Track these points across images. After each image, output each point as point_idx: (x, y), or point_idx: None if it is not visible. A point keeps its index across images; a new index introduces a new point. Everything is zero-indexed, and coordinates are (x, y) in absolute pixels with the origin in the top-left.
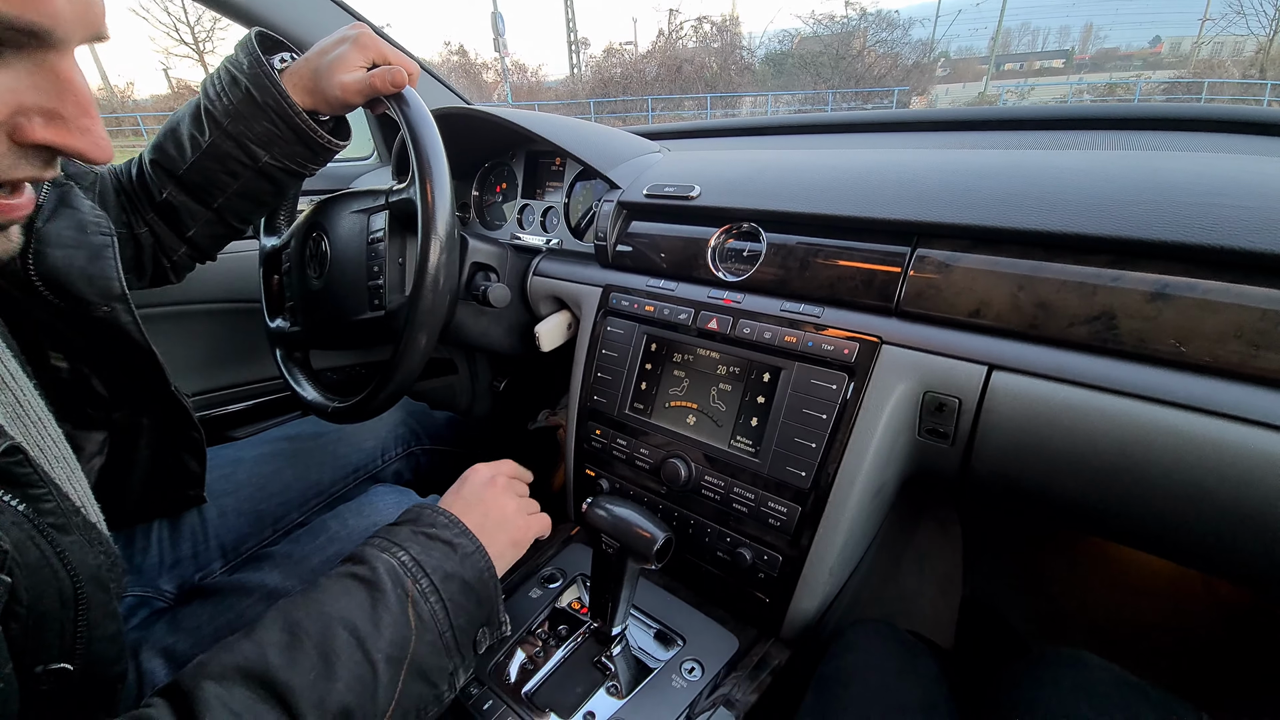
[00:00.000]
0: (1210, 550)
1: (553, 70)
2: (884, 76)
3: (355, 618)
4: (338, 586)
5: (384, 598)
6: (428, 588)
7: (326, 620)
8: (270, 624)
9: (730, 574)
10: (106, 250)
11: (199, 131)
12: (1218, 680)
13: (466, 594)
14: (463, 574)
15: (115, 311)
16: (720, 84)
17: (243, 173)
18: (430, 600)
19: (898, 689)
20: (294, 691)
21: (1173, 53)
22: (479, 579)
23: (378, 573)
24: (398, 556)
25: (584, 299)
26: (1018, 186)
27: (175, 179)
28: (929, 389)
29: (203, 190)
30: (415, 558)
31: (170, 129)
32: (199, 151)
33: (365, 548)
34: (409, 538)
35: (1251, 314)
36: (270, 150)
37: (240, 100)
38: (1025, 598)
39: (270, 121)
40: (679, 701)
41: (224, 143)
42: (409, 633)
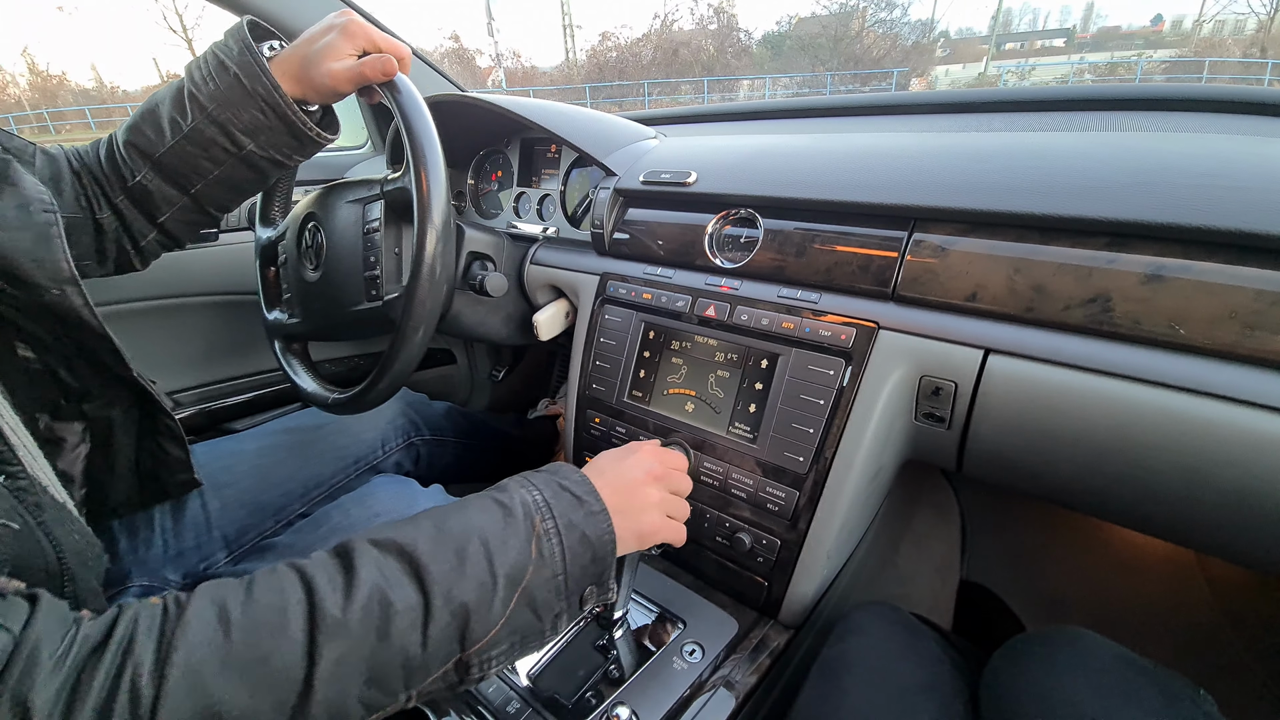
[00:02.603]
0: (1204, 530)
1: (548, 55)
2: (883, 58)
3: (489, 533)
4: (479, 504)
5: (515, 524)
6: (551, 528)
7: (467, 527)
8: (425, 519)
9: (729, 558)
10: (52, 229)
11: (181, 115)
12: (1213, 657)
13: (584, 546)
14: (584, 528)
15: (66, 295)
16: (717, 67)
17: (225, 159)
18: (552, 540)
19: (900, 671)
20: (430, 575)
21: (1174, 31)
22: (599, 538)
23: (514, 501)
24: (533, 494)
25: (581, 287)
26: (1015, 170)
27: (152, 161)
28: (925, 373)
29: (181, 175)
30: (546, 500)
31: (148, 110)
32: (180, 135)
33: (510, 481)
34: (545, 482)
35: (1245, 295)
36: (256, 139)
37: (228, 86)
38: (1022, 579)
39: (259, 109)
40: (679, 683)
41: (208, 128)
42: (528, 562)
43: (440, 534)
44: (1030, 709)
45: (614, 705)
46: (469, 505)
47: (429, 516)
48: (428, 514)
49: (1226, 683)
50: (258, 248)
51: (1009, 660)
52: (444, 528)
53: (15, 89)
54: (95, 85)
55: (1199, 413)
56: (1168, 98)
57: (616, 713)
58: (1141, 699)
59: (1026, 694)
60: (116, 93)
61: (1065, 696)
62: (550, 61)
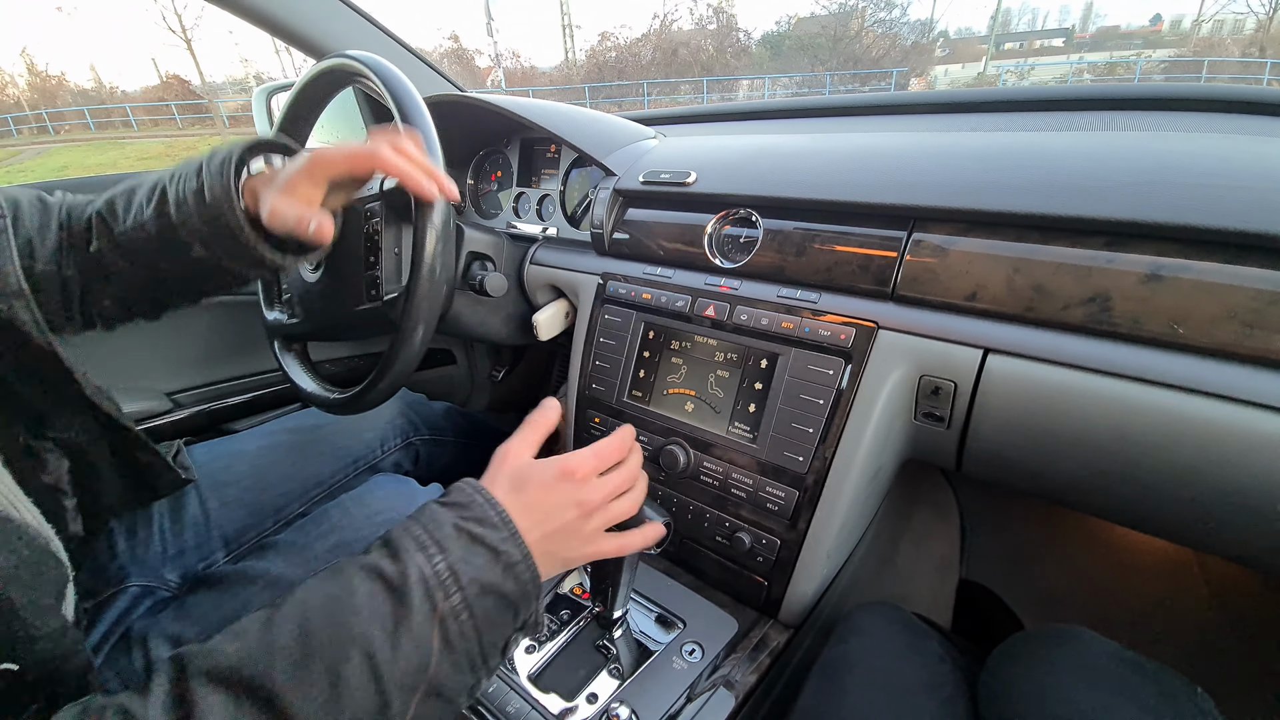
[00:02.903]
0: (1204, 529)
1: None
2: (882, 58)
3: (374, 639)
4: (363, 590)
5: (409, 616)
6: (459, 604)
7: (344, 640)
8: (285, 623)
9: (729, 558)
10: (2, 238)
11: (146, 201)
12: (1211, 656)
13: (502, 609)
14: (502, 588)
15: (13, 310)
16: (716, 67)
17: (178, 259)
18: (461, 618)
19: (902, 671)
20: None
21: (1173, 30)
22: (520, 593)
23: (408, 582)
24: (434, 562)
25: (581, 287)
26: (1014, 169)
27: (110, 236)
28: (925, 373)
29: (136, 257)
30: (452, 566)
31: (129, 186)
32: (140, 220)
33: (404, 537)
34: (452, 535)
35: (1245, 294)
36: (209, 249)
37: (193, 193)
38: (1021, 578)
39: (209, 224)
40: (679, 682)
41: (163, 225)
42: (429, 657)
43: (307, 653)
44: (1028, 707)
45: (614, 704)
46: (348, 593)
47: (293, 619)
48: (293, 611)
49: (1224, 681)
50: None
51: (1007, 658)
52: (312, 643)
53: (14, 89)
54: (94, 86)
55: (1198, 412)
56: (1167, 97)
57: (616, 712)
58: (1139, 697)
59: (1024, 692)
60: (116, 93)
61: (1063, 695)
62: (549, 61)
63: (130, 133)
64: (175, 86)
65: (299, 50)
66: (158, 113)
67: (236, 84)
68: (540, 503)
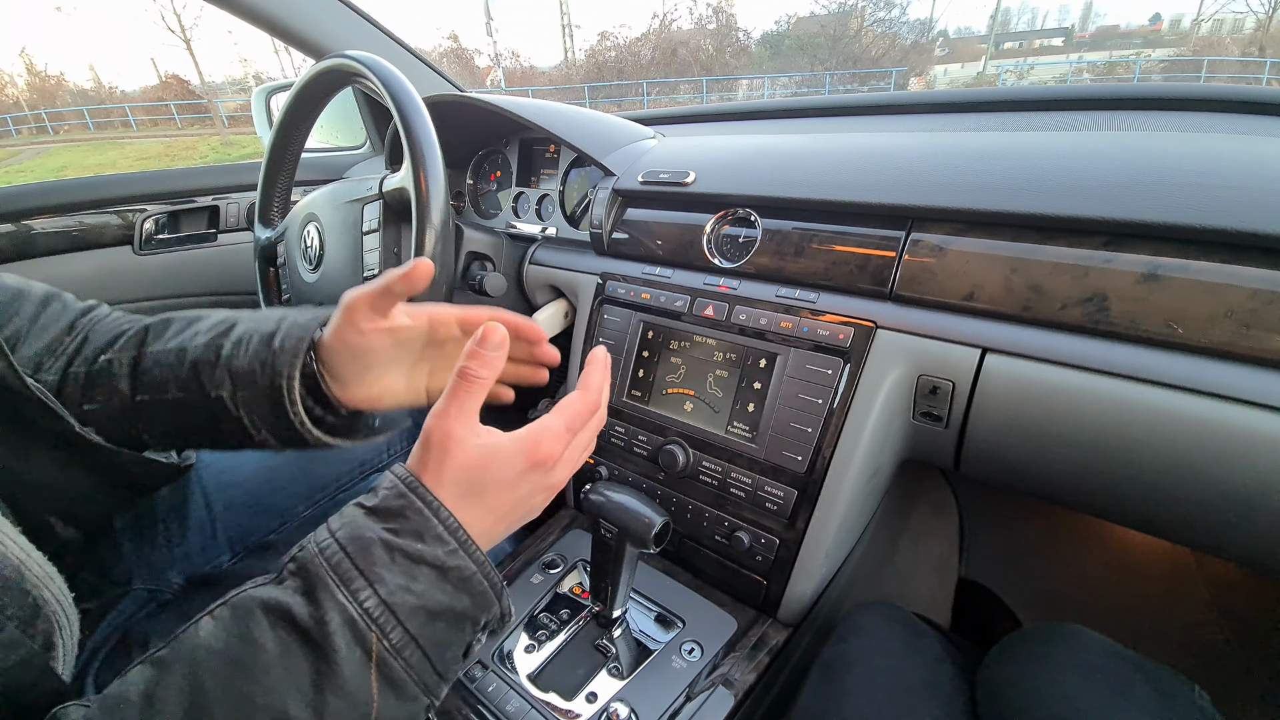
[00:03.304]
0: (1202, 528)
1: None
2: (881, 57)
3: (290, 704)
4: (270, 644)
5: (334, 670)
6: (401, 641)
7: (247, 712)
8: (170, 701)
9: (728, 557)
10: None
11: (205, 329)
12: (1209, 654)
13: (457, 626)
14: (454, 607)
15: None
16: (716, 67)
17: (193, 392)
18: (405, 654)
19: (902, 670)
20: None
21: (1172, 30)
22: (478, 601)
23: (327, 630)
24: (360, 602)
25: (580, 287)
26: (1012, 169)
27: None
28: (923, 372)
29: (142, 380)
30: (385, 600)
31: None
32: (185, 345)
33: (319, 568)
34: (383, 563)
35: (1242, 294)
36: (235, 391)
37: (260, 338)
38: (1020, 577)
39: (260, 379)
40: (679, 681)
41: (203, 358)
42: (369, 706)
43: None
44: (1026, 704)
45: (613, 704)
46: (248, 655)
47: (178, 693)
48: (174, 686)
49: (1222, 680)
50: (257, 248)
51: (1005, 656)
52: (205, 718)
53: (14, 89)
54: (93, 86)
55: (1196, 411)
56: (1166, 97)
57: (616, 711)
58: (1137, 695)
59: (1022, 690)
60: (115, 93)
61: (1061, 692)
62: (549, 61)
63: (129, 133)
64: (174, 86)
65: (298, 50)
66: (157, 113)
67: (236, 84)
68: (501, 502)
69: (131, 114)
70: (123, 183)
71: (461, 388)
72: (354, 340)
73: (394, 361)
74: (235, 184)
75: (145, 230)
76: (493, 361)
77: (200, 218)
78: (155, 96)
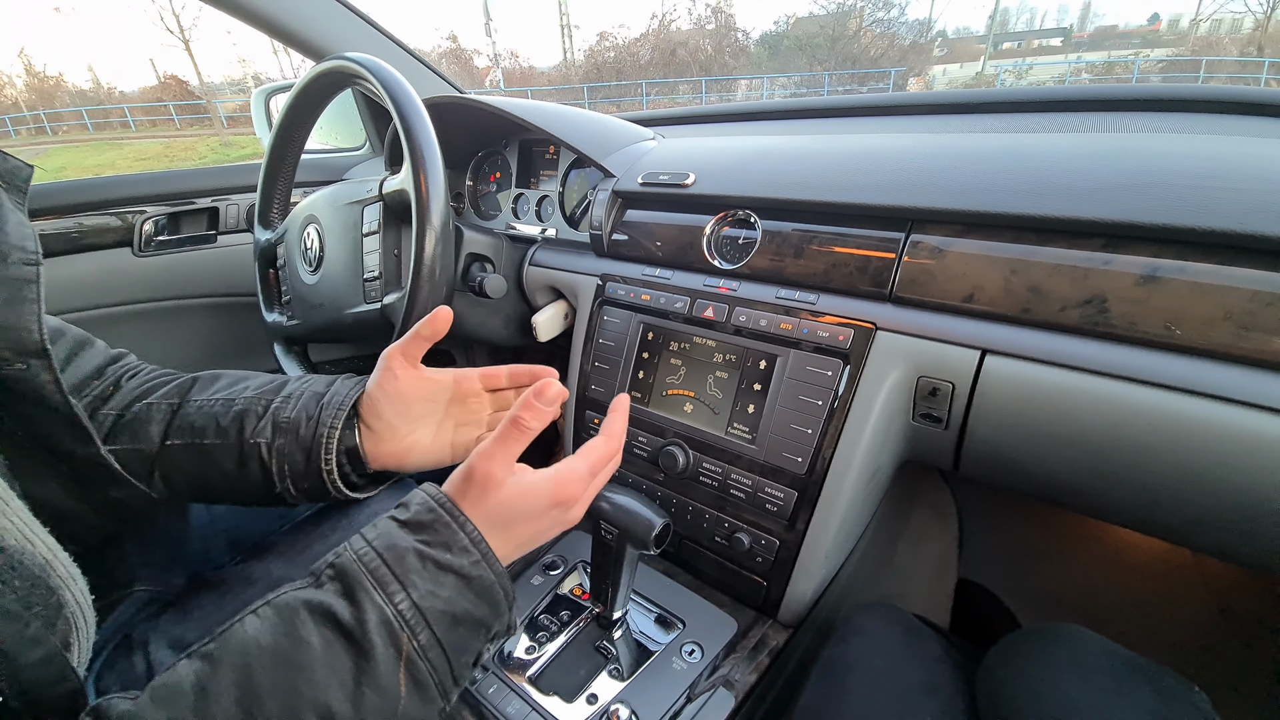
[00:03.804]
0: (1200, 529)
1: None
2: (880, 57)
3: (332, 698)
4: (316, 641)
5: (372, 667)
6: (428, 642)
7: (294, 704)
8: (225, 690)
9: (728, 558)
10: (29, 289)
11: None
12: (1208, 655)
13: (474, 632)
14: (474, 614)
15: (31, 370)
16: (715, 67)
17: (222, 441)
18: (430, 655)
19: (902, 671)
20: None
21: (1171, 30)
22: (493, 611)
23: (367, 629)
24: (395, 603)
25: (580, 288)
26: (1011, 171)
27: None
28: (923, 374)
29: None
30: (417, 604)
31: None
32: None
33: (359, 572)
34: (416, 567)
35: (1241, 296)
36: (267, 440)
37: (309, 394)
38: (1019, 578)
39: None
40: (679, 682)
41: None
42: (397, 702)
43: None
44: (1025, 705)
45: (614, 705)
46: (299, 650)
47: (231, 682)
48: (228, 676)
49: (1221, 680)
50: (257, 249)
51: (1004, 657)
52: (257, 710)
53: (12, 90)
54: (92, 86)
55: (1195, 413)
56: (1164, 98)
57: (616, 712)
58: (1136, 695)
59: (1021, 690)
60: (113, 94)
61: (1060, 693)
62: (548, 62)
63: (128, 133)
64: (173, 87)
65: (297, 51)
66: (156, 113)
67: (235, 85)
68: (523, 532)
69: (130, 115)
70: (122, 184)
71: (511, 435)
72: (392, 386)
73: (424, 416)
74: (235, 185)
75: (145, 232)
76: (545, 415)
77: (200, 219)
78: (154, 97)
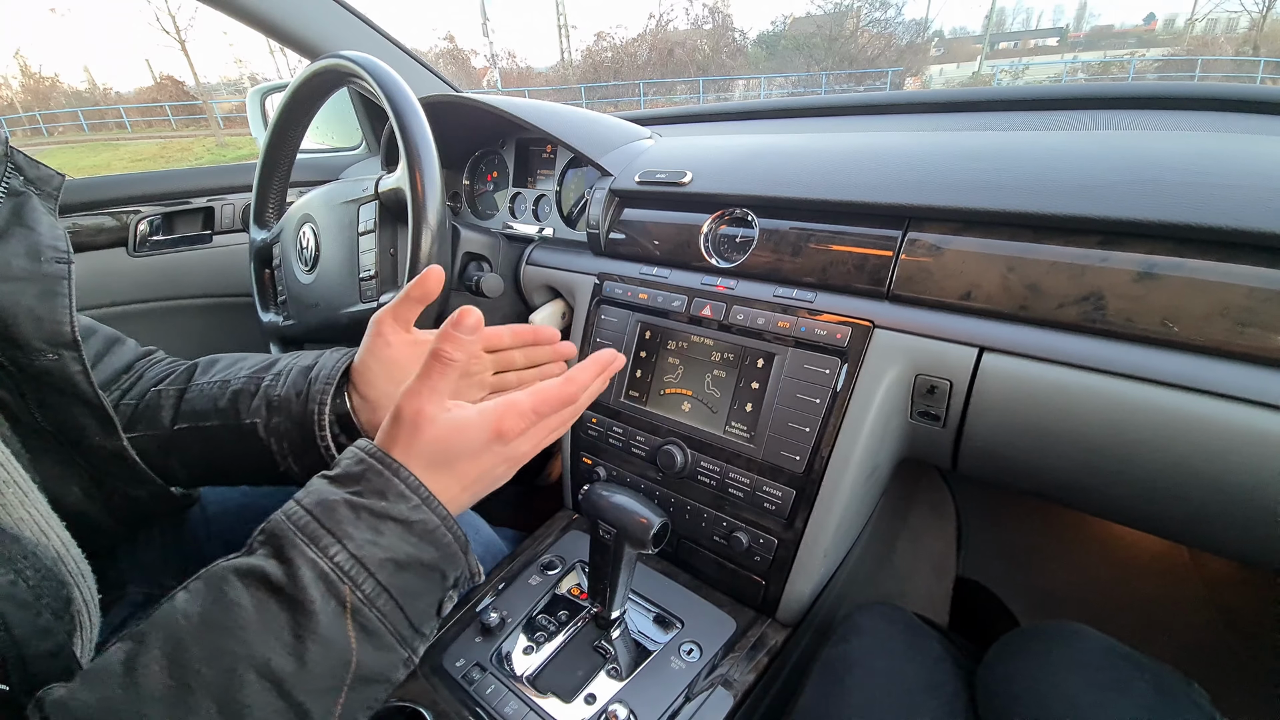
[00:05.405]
0: (1198, 526)
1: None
2: (877, 57)
3: (272, 655)
4: (247, 603)
5: (311, 620)
6: (373, 591)
7: (231, 665)
8: (151, 662)
9: (727, 557)
10: (61, 284)
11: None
12: (1207, 651)
13: (426, 577)
14: (421, 558)
15: (63, 360)
16: (712, 67)
17: (224, 422)
18: (379, 603)
19: (903, 671)
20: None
21: (1166, 29)
22: (445, 556)
23: (300, 584)
24: (330, 556)
25: (578, 288)
26: (1008, 169)
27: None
28: (921, 372)
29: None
30: (355, 554)
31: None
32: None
33: (288, 531)
34: (349, 520)
35: (1238, 292)
36: (267, 418)
37: (298, 372)
38: (1018, 576)
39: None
40: (678, 682)
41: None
42: (348, 653)
43: (185, 692)
44: (1025, 703)
45: (612, 705)
46: (228, 614)
47: (157, 655)
48: (153, 649)
49: (1220, 677)
50: (252, 249)
51: (1004, 655)
52: (190, 678)
53: (8, 91)
54: (88, 87)
55: (1192, 409)
56: (1160, 96)
57: (615, 712)
58: (1135, 692)
59: (1021, 688)
60: (109, 94)
61: (1059, 691)
62: (545, 62)
63: (124, 134)
64: (169, 88)
65: (293, 51)
66: (152, 114)
67: (231, 85)
68: (467, 471)
69: (126, 115)
70: (117, 184)
71: (434, 369)
72: (384, 353)
73: None
74: (230, 185)
75: (139, 232)
76: (465, 344)
77: (195, 219)
78: (150, 98)
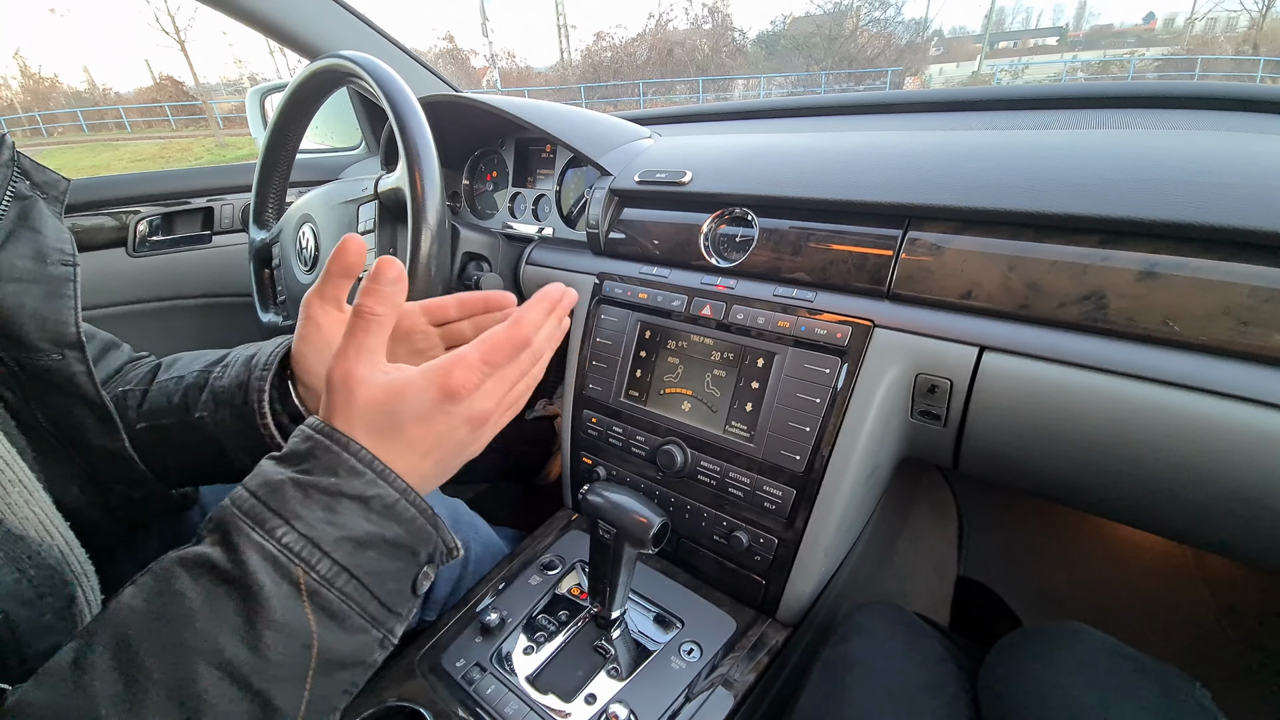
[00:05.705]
0: (1200, 525)
1: (542, 56)
2: (877, 57)
3: (225, 644)
4: (192, 593)
5: (263, 606)
6: (330, 571)
7: (179, 657)
8: (99, 659)
9: (727, 557)
10: (67, 286)
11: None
12: (1210, 652)
13: (393, 555)
14: (384, 534)
15: (66, 361)
16: (712, 67)
17: (181, 419)
18: (338, 584)
19: (904, 671)
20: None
21: (1166, 29)
22: (410, 529)
23: (247, 569)
24: (278, 538)
25: (577, 287)
26: (1008, 168)
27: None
28: (921, 371)
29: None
30: (305, 535)
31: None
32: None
33: (233, 516)
34: (297, 500)
35: (1239, 291)
36: (214, 413)
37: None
38: (1019, 575)
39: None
40: (678, 682)
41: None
42: (309, 635)
43: (135, 687)
44: (1028, 703)
45: (612, 705)
46: (171, 605)
47: (105, 651)
48: (100, 646)
49: (1223, 677)
50: (252, 249)
51: (1007, 655)
52: (139, 673)
53: (7, 91)
54: (87, 87)
55: (1193, 408)
56: (1160, 95)
57: (615, 712)
58: (1138, 693)
59: (1024, 689)
60: (109, 95)
61: (1062, 691)
62: (545, 61)
63: (124, 134)
64: (169, 88)
65: (293, 51)
66: (151, 114)
67: (230, 85)
68: (421, 438)
69: (126, 116)
70: (116, 184)
71: (359, 326)
72: (316, 337)
73: None
74: (230, 185)
75: (139, 232)
76: (389, 297)
77: (195, 219)
78: (150, 98)
